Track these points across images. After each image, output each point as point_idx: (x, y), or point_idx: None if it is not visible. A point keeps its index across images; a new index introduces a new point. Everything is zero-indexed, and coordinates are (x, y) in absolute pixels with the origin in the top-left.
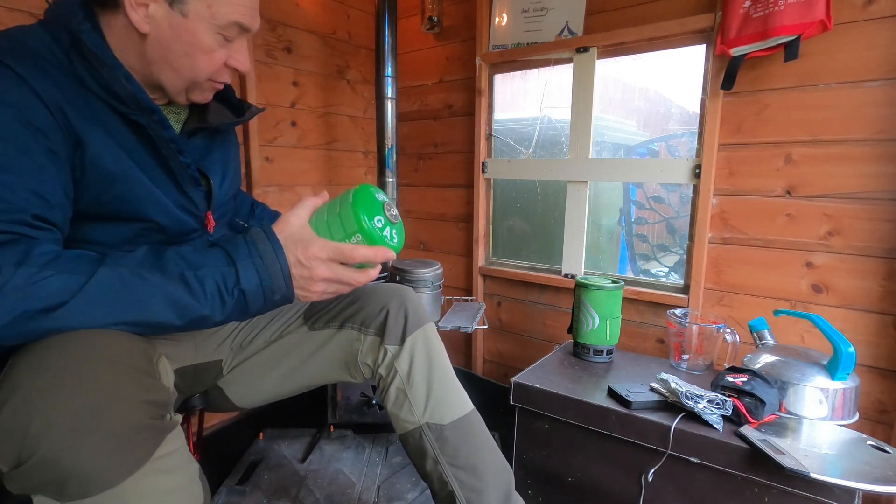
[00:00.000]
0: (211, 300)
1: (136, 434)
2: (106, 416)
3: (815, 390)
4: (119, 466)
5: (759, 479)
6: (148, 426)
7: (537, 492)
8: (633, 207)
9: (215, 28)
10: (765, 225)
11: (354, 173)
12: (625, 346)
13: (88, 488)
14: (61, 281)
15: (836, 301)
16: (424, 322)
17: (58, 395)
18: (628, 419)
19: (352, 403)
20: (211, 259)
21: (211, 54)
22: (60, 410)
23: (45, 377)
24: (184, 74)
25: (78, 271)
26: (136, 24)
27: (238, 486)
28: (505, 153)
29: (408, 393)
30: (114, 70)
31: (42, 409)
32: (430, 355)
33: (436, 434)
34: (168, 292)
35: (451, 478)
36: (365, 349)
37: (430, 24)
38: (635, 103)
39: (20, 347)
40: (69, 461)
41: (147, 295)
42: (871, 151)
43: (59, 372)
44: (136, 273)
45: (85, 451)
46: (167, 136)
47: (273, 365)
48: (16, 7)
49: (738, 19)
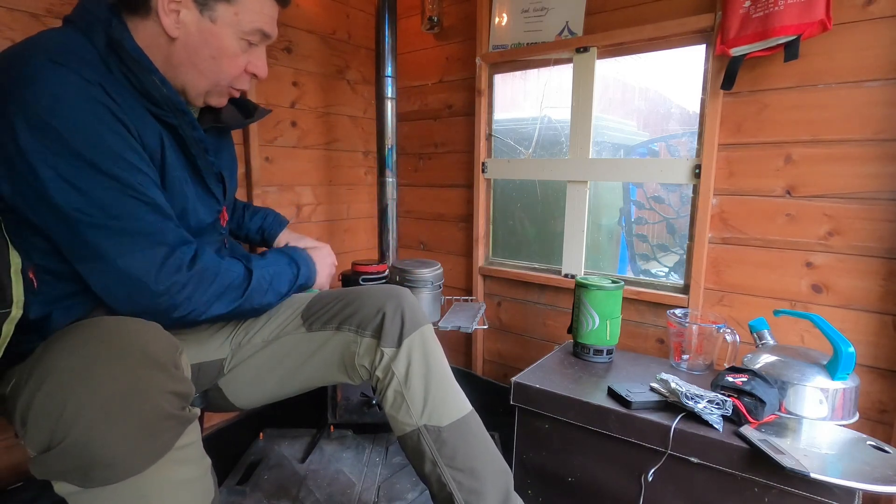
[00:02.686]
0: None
1: (163, 422)
2: (137, 403)
3: (815, 390)
4: (145, 454)
5: (759, 479)
6: (173, 416)
7: (537, 492)
8: (633, 207)
9: (240, 34)
10: (765, 225)
11: (354, 173)
12: (625, 346)
13: (113, 474)
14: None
15: (836, 301)
16: (422, 324)
17: (92, 380)
18: (628, 419)
19: (352, 403)
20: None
21: (235, 59)
22: (95, 395)
23: (80, 363)
24: (208, 77)
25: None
26: (167, 29)
27: (238, 486)
28: (505, 153)
29: (405, 395)
30: (151, 74)
31: (78, 392)
32: (427, 357)
33: (434, 436)
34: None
35: (450, 480)
36: (361, 351)
37: (430, 24)
38: (635, 103)
39: (51, 334)
40: (99, 445)
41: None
42: (871, 151)
43: (93, 358)
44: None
45: (115, 436)
46: (197, 137)
47: (272, 366)
48: (16, 7)
49: (738, 19)
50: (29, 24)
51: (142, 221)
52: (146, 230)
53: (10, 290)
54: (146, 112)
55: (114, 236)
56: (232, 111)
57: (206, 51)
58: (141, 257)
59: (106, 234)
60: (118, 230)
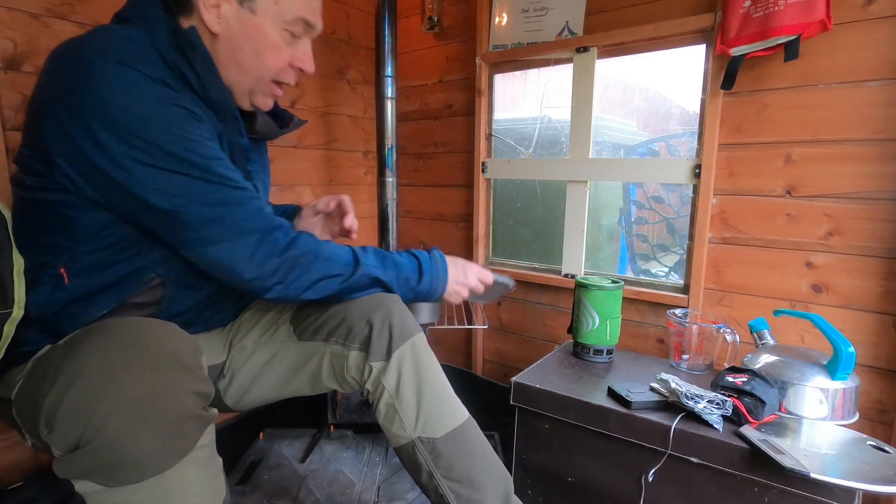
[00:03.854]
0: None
1: (188, 422)
2: (164, 403)
3: (815, 390)
4: (170, 453)
5: (759, 479)
6: (197, 416)
7: (537, 492)
8: (633, 207)
9: (281, 24)
10: (765, 225)
11: (354, 173)
12: (625, 346)
13: (138, 473)
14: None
15: (836, 301)
16: (412, 334)
17: (122, 380)
18: (628, 419)
19: (352, 403)
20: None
21: (278, 51)
22: (124, 395)
23: (109, 364)
24: (251, 73)
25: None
26: (209, 25)
27: (238, 486)
28: (505, 153)
29: (397, 408)
30: (216, 77)
31: (109, 392)
32: (418, 369)
33: (429, 448)
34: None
35: (447, 491)
36: (350, 364)
37: (430, 24)
38: (635, 103)
39: (72, 334)
40: (129, 445)
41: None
42: (871, 151)
43: (122, 360)
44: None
45: (144, 436)
46: (243, 144)
47: (267, 371)
48: (16, 7)
49: (738, 19)
50: (29, 24)
51: (232, 209)
52: (235, 218)
53: (11, 290)
54: (206, 115)
55: (207, 226)
56: (267, 121)
57: (248, 44)
58: (231, 246)
59: (199, 225)
60: (210, 219)
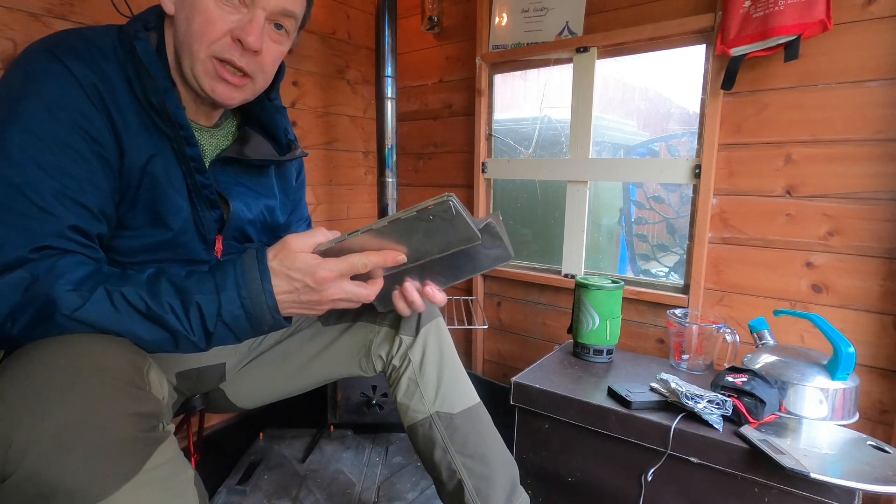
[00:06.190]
0: (196, 330)
1: (124, 447)
2: (92, 430)
3: (815, 390)
4: (106, 480)
5: (759, 479)
6: (136, 439)
7: (537, 492)
8: (633, 207)
9: None
10: (765, 225)
11: (354, 173)
12: (625, 346)
13: (76, 501)
14: (68, 296)
15: (836, 301)
16: (436, 315)
17: (42, 406)
18: (628, 419)
19: (352, 403)
20: (202, 286)
21: (211, 20)
22: (45, 423)
23: (31, 388)
24: (192, 51)
25: (85, 289)
26: (165, 7)
27: (238, 486)
28: (505, 153)
29: (419, 382)
30: (155, 81)
31: (26, 421)
32: (441, 346)
33: (445, 423)
34: (158, 321)
35: (460, 466)
36: (379, 340)
37: (430, 24)
38: (635, 103)
39: (14, 352)
40: (55, 475)
41: (136, 322)
42: (871, 151)
43: (45, 383)
44: (134, 297)
45: (71, 465)
46: (189, 154)
47: (279, 363)
48: (16, 7)
49: (738, 19)
50: (29, 24)
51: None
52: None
53: None
54: (150, 121)
55: None
56: (260, 143)
57: (184, 14)
58: None
59: None
60: None
